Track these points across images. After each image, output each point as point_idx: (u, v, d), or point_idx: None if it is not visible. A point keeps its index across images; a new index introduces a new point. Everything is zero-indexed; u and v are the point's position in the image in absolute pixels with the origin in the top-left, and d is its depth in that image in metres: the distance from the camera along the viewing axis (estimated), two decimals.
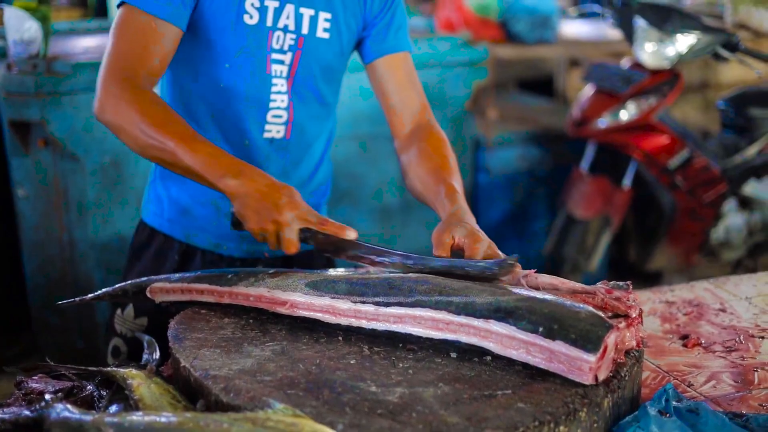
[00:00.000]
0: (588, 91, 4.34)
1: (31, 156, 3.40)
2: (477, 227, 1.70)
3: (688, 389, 1.60)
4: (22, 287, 3.66)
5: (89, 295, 1.78)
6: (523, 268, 1.56)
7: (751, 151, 4.34)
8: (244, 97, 1.94)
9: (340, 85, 2.11)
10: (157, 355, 1.67)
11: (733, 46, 3.85)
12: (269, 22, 1.90)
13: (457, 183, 1.89)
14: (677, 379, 1.64)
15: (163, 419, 1.17)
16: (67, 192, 3.45)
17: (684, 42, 4.00)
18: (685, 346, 1.79)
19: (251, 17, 1.88)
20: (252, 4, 1.88)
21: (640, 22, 4.08)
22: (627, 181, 4.30)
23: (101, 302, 3.45)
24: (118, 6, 1.85)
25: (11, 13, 3.37)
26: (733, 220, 4.44)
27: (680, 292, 2.08)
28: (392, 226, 4.13)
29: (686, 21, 4.01)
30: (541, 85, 5.66)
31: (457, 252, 1.66)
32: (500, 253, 1.65)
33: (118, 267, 3.49)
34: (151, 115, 1.74)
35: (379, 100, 2.09)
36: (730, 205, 4.44)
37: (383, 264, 1.63)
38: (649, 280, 4.89)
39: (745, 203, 4.47)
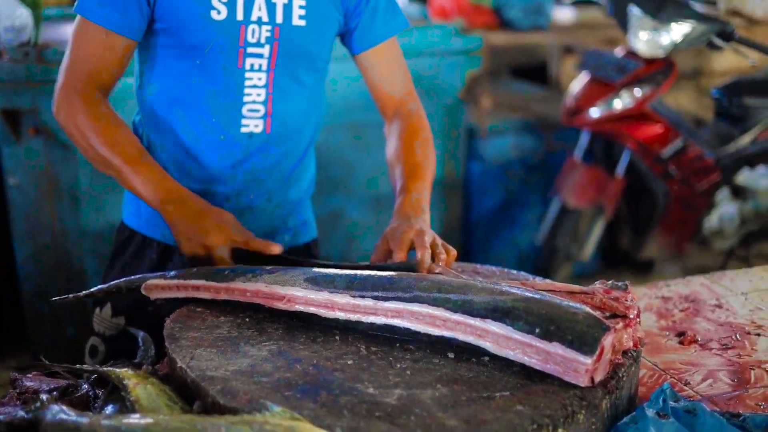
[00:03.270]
0: (582, 79, 4.33)
1: (23, 144, 3.38)
2: (421, 221, 1.83)
3: (685, 388, 1.60)
4: (14, 276, 3.64)
5: (83, 292, 1.76)
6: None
7: (745, 140, 4.33)
8: (215, 92, 1.92)
9: (325, 74, 2.09)
10: (152, 352, 1.67)
11: (727, 35, 3.83)
12: (240, 16, 1.88)
13: (417, 168, 1.98)
14: (674, 378, 1.63)
15: (159, 423, 1.16)
16: (59, 180, 3.43)
17: (678, 31, 3.98)
18: (681, 343, 1.79)
19: (219, 12, 1.86)
20: None
21: (634, 11, 4.06)
22: (620, 170, 4.29)
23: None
24: (75, 11, 1.88)
25: (2, 0, 3.35)
26: (726, 209, 4.44)
27: (676, 287, 2.08)
28: (386, 214, 4.10)
29: (681, 10, 3.99)
30: (534, 71, 5.65)
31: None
32: (439, 242, 1.76)
33: (109, 256, 3.49)
34: (100, 132, 1.84)
35: (367, 86, 2.12)
36: (723, 194, 4.44)
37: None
38: (641, 268, 4.90)
39: (738, 192, 4.47)
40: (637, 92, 4.13)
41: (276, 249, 1.76)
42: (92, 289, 1.77)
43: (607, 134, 4.32)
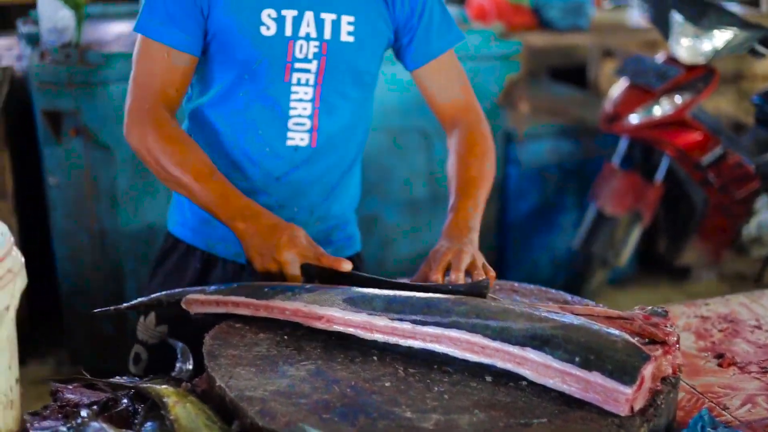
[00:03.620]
0: (621, 85, 4.30)
1: (63, 145, 3.42)
2: (465, 242, 1.82)
3: (724, 413, 1.58)
4: (52, 274, 3.68)
5: (124, 305, 1.78)
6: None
7: None
8: (262, 106, 1.93)
9: (373, 89, 2.09)
10: (190, 364, 1.68)
11: None
12: (288, 32, 1.89)
13: (468, 185, 1.96)
14: (712, 402, 1.62)
15: None
16: (99, 181, 3.47)
17: (720, 38, 3.94)
18: (720, 365, 1.77)
19: (268, 28, 1.87)
20: (269, 15, 1.87)
21: (676, 17, 4.03)
22: (659, 177, 4.26)
23: (132, 291, 3.50)
24: (136, 30, 1.90)
25: (45, 0, 3.38)
26: (765, 217, 4.40)
27: (715, 306, 2.06)
28: (421, 218, 4.12)
29: (723, 16, 3.95)
30: (573, 73, 5.62)
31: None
32: (479, 263, 1.78)
33: (147, 257, 3.53)
34: (170, 152, 1.85)
35: (426, 99, 2.11)
36: (762, 201, 4.39)
37: None
38: (678, 274, 4.87)
39: None
40: (678, 99, 4.10)
41: (347, 266, 1.74)
42: (133, 302, 1.79)
43: (646, 141, 4.29)
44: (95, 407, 1.46)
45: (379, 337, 1.51)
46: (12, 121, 3.63)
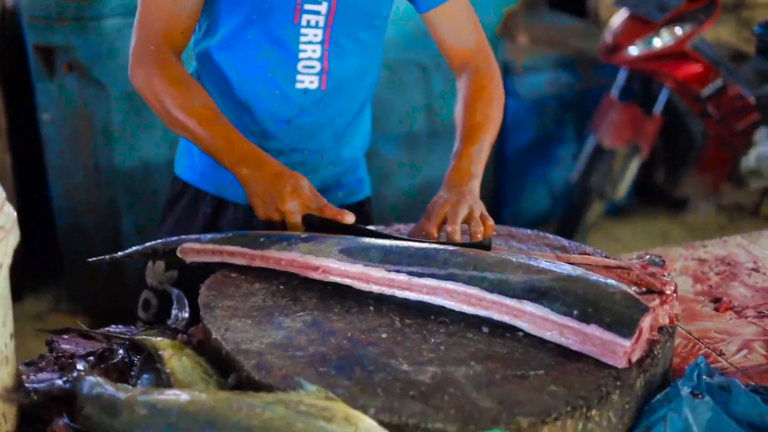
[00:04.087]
0: (621, 15, 4.24)
1: (56, 81, 3.38)
2: (464, 191, 1.79)
3: (719, 359, 1.59)
4: (49, 211, 3.67)
5: (119, 253, 1.77)
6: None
7: None
8: (270, 47, 1.90)
9: (384, 32, 2.05)
10: (186, 312, 1.68)
11: None
12: None
13: (473, 131, 1.94)
14: (708, 347, 1.62)
15: (195, 402, 1.17)
16: (93, 118, 3.44)
17: None
18: (716, 310, 1.77)
19: None
20: None
21: None
22: (658, 109, 4.23)
23: (129, 227, 3.50)
24: None
25: None
26: (764, 149, 4.38)
27: (713, 248, 2.05)
28: (419, 152, 4.09)
29: None
30: (572, 1, 5.53)
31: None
32: (477, 214, 1.74)
33: (143, 193, 3.51)
34: (174, 95, 1.81)
35: (435, 42, 2.07)
36: (762, 133, 4.37)
37: None
38: (676, 205, 4.87)
39: None
40: (678, 31, 4.05)
41: (350, 219, 1.72)
42: (128, 251, 1.78)
43: (645, 72, 4.24)
44: (91, 359, 1.46)
45: (375, 288, 1.50)
46: (3, 57, 3.58)
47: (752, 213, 4.83)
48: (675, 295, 1.46)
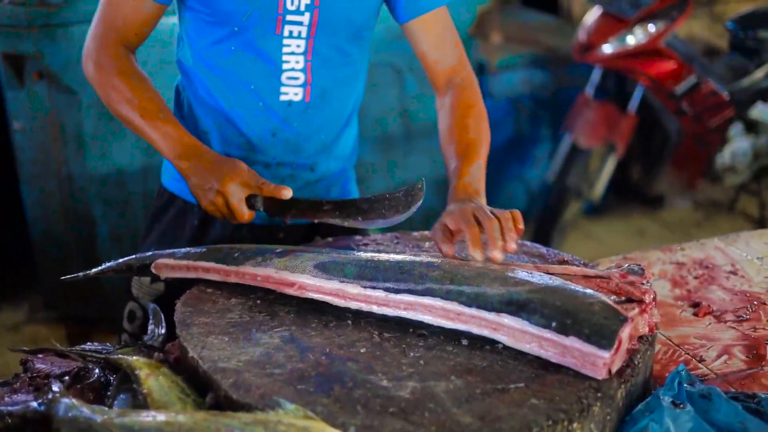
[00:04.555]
0: (594, 14, 4.24)
1: (27, 89, 3.34)
2: (475, 199, 1.72)
3: (700, 365, 1.58)
4: (23, 220, 3.64)
5: (93, 270, 1.75)
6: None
7: (759, 74, 4.27)
8: (253, 59, 1.88)
9: (369, 43, 2.02)
10: (163, 329, 1.65)
11: None
12: None
13: (470, 148, 1.88)
14: (688, 354, 1.62)
15: (172, 423, 1.15)
16: (64, 125, 3.40)
17: None
18: (695, 315, 1.77)
19: None
20: None
21: None
22: (632, 107, 4.24)
23: (102, 235, 3.46)
24: None
25: None
26: (738, 144, 4.40)
27: (690, 252, 2.05)
28: (395, 154, 4.07)
29: None
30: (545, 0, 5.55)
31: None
32: (485, 213, 1.62)
33: (116, 201, 3.48)
34: (121, 87, 1.84)
35: (416, 55, 2.03)
36: (736, 128, 4.39)
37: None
38: (652, 203, 4.88)
39: (752, 127, 4.42)
40: (651, 28, 4.06)
41: (288, 193, 1.74)
42: (102, 267, 1.75)
43: (619, 70, 4.25)
44: (66, 379, 1.44)
45: (353, 304, 1.48)
46: None
47: (728, 209, 4.86)
48: (654, 303, 1.46)
